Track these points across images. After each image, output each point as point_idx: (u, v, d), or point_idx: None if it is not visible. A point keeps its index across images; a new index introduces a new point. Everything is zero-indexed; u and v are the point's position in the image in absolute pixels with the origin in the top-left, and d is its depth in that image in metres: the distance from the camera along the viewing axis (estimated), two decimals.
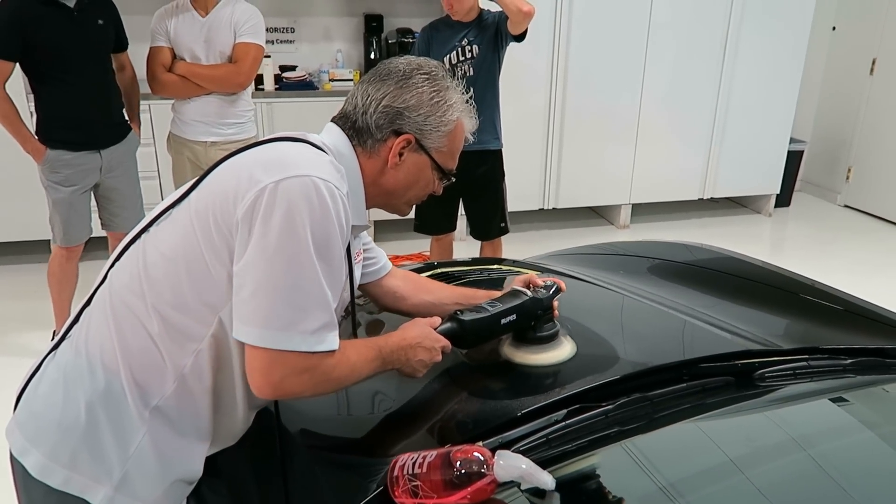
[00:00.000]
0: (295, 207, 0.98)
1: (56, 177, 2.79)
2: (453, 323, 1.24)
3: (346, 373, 1.07)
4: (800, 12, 4.61)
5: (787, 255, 4.61)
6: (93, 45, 2.77)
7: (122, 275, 1.09)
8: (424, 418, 1.24)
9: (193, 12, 2.93)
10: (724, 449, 1.11)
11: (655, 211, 4.94)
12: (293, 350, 0.99)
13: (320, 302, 1.01)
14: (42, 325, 3.17)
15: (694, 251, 2.14)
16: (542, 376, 1.30)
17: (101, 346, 1.07)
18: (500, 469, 0.91)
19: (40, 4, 2.61)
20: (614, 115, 4.50)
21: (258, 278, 0.98)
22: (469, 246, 4.17)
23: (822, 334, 1.59)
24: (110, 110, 2.90)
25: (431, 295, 1.41)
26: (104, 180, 2.91)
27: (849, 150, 5.25)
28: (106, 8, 2.83)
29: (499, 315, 1.27)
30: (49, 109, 2.77)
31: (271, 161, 1.04)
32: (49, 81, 2.72)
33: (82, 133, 2.79)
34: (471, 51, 3.01)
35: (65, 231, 2.88)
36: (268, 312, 0.98)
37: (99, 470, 1.04)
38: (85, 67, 2.75)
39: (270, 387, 1.02)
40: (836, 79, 5.32)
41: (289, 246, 0.98)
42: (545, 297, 1.32)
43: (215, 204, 1.02)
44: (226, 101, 3.02)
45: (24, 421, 1.10)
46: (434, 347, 1.19)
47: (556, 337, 1.33)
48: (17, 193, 3.66)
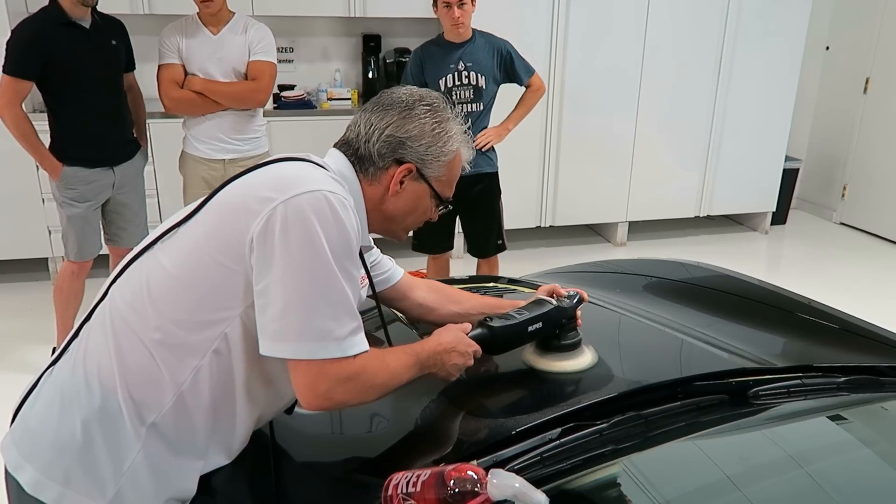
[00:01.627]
0: (310, 222, 1.02)
1: (71, 193, 2.85)
2: (484, 329, 1.28)
3: (387, 379, 1.11)
4: (794, 32, 4.66)
5: (784, 273, 4.62)
6: (108, 65, 2.84)
7: (125, 291, 1.11)
8: (419, 437, 1.25)
9: (205, 30, 2.96)
10: (718, 467, 1.12)
11: (652, 228, 4.96)
12: (330, 358, 1.03)
13: (347, 308, 1.05)
14: (41, 343, 3.17)
15: (690, 269, 2.15)
16: (537, 394, 1.31)
17: (99, 363, 1.07)
18: (493, 488, 0.91)
19: (59, 25, 2.67)
20: (611, 134, 4.53)
21: (287, 295, 1.01)
22: (466, 264, 4.18)
23: (816, 352, 1.59)
24: (123, 128, 2.97)
25: (458, 305, 1.45)
26: (115, 196, 2.97)
27: (844, 168, 5.29)
28: (118, 29, 2.90)
29: (526, 322, 1.31)
30: (66, 127, 2.82)
31: (279, 179, 1.07)
32: (67, 100, 2.77)
33: (98, 150, 2.86)
34: (468, 76, 3.03)
35: (79, 246, 2.93)
36: (301, 326, 1.02)
37: (92, 487, 1.04)
38: (101, 86, 2.81)
39: (318, 398, 1.05)
40: (831, 98, 5.37)
41: (311, 259, 1.01)
42: (569, 307, 1.37)
43: (226, 223, 1.05)
44: (241, 118, 3.06)
45: (19, 437, 1.10)
46: (467, 352, 1.22)
47: (579, 345, 1.37)
48: (13, 212, 3.66)
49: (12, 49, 2.64)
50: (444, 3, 2.91)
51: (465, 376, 1.34)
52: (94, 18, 2.77)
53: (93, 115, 2.81)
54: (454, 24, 2.95)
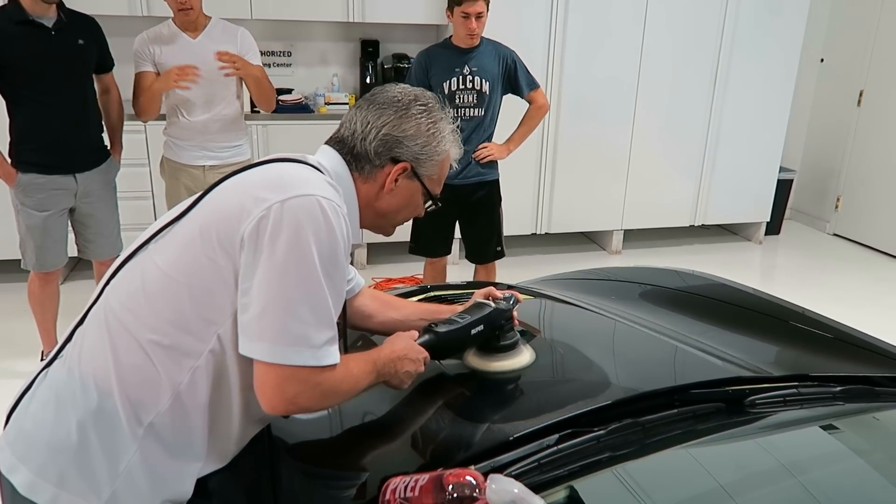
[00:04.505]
0: (301, 226, 1.01)
1: (29, 201, 2.70)
2: (430, 335, 1.29)
3: (351, 385, 1.11)
4: (789, 43, 4.70)
5: (777, 283, 4.64)
6: (70, 66, 2.68)
7: (119, 292, 1.10)
8: (416, 441, 1.25)
9: (182, 35, 2.92)
10: (713, 475, 1.12)
11: (647, 237, 4.97)
12: (304, 365, 1.02)
13: (325, 317, 1.04)
14: (22, 346, 3.11)
15: (685, 277, 2.16)
16: (534, 400, 1.31)
17: (95, 365, 1.07)
18: (491, 493, 0.91)
19: (15, 24, 2.55)
20: (607, 142, 4.55)
21: (268, 296, 1.00)
22: (462, 269, 4.18)
23: (811, 362, 1.60)
24: (87, 133, 2.81)
25: (398, 312, 1.45)
26: (80, 205, 2.83)
27: (837, 180, 5.32)
28: (88, 28, 2.76)
29: (469, 326, 1.33)
30: (22, 131, 2.68)
31: (275, 180, 1.07)
32: (23, 102, 2.65)
33: (55, 156, 2.70)
34: (472, 82, 3.05)
35: (38, 256, 2.79)
36: (279, 329, 1.01)
37: (87, 488, 1.03)
38: (61, 88, 2.66)
39: (284, 402, 1.04)
40: (825, 110, 5.41)
41: (297, 264, 1.01)
42: (506, 308, 1.39)
43: (219, 222, 1.04)
44: (222, 125, 3.02)
45: (13, 439, 1.09)
46: (418, 359, 1.23)
47: (517, 345, 1.39)
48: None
49: None
50: (463, 13, 2.92)
51: (454, 379, 1.35)
52: (59, 16, 2.63)
53: (50, 118, 2.65)
54: (469, 34, 2.98)
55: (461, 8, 2.92)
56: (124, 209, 3.12)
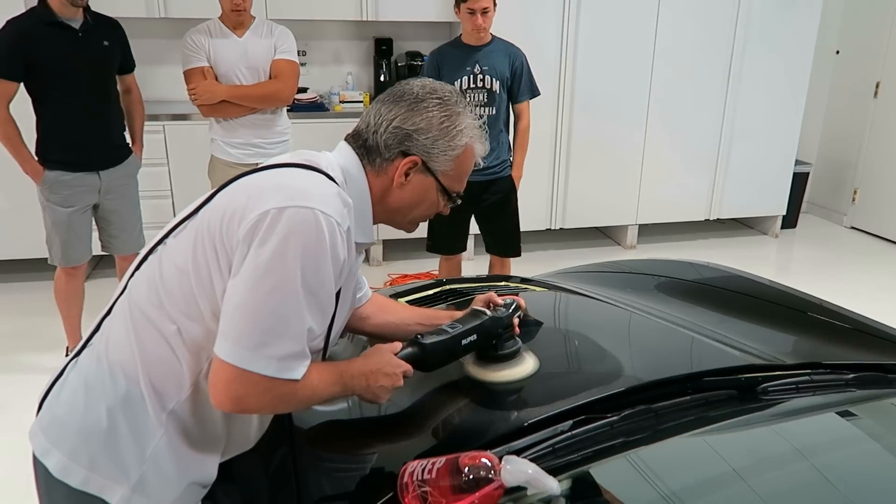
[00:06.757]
0: (290, 237, 1.00)
1: (55, 197, 2.80)
2: (414, 347, 1.24)
3: (308, 395, 1.08)
4: (804, 35, 4.66)
5: (794, 276, 4.61)
6: (96, 67, 2.78)
7: (140, 285, 1.13)
8: (433, 427, 1.27)
9: (230, 34, 3.01)
10: (724, 459, 1.13)
11: (662, 232, 4.96)
12: (257, 372, 1.00)
13: (295, 332, 1.02)
14: (50, 342, 3.18)
15: (700, 269, 2.17)
16: (548, 388, 1.33)
17: (121, 354, 1.10)
18: (506, 474, 0.94)
19: (44, 25, 2.64)
20: (620, 136, 4.55)
21: (240, 297, 1.00)
22: (477, 266, 4.21)
23: (826, 351, 1.60)
24: (110, 132, 2.90)
25: (394, 316, 1.42)
26: (103, 202, 2.92)
27: (854, 172, 5.28)
28: (112, 29, 2.86)
29: (459, 336, 1.27)
30: (49, 130, 2.76)
31: (280, 186, 1.06)
32: (50, 102, 2.73)
33: (80, 153, 2.79)
34: (483, 80, 3.07)
35: (63, 252, 2.87)
36: (241, 331, 1.00)
37: (117, 471, 1.07)
38: (86, 88, 2.75)
39: (230, 401, 1.03)
40: (841, 101, 5.37)
41: (276, 272, 1.00)
42: (505, 316, 1.34)
43: (222, 221, 1.05)
44: (271, 121, 3.11)
45: (46, 424, 1.13)
46: (395, 373, 1.18)
47: (517, 354, 1.34)
48: (21, 212, 3.68)
49: None
50: (469, 9, 2.96)
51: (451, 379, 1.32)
52: (85, 18, 2.72)
53: (77, 118, 2.75)
54: (476, 29, 3.01)
55: (467, 4, 2.96)
56: (143, 208, 3.18)
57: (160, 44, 4.02)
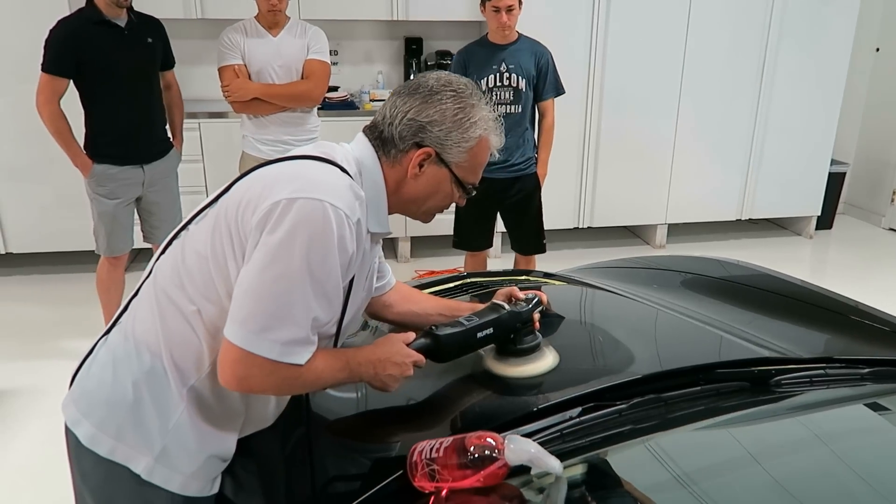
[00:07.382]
0: (300, 226, 1.03)
1: (102, 190, 2.94)
2: (428, 338, 1.25)
3: (312, 379, 1.11)
4: (841, 33, 4.57)
5: (828, 278, 4.53)
6: (141, 64, 2.92)
7: (165, 268, 1.19)
8: (443, 410, 1.30)
9: (265, 33, 3.09)
10: (731, 446, 1.15)
11: (692, 231, 4.92)
12: (261, 355, 1.04)
13: (299, 319, 1.06)
14: (90, 329, 3.22)
15: (727, 267, 2.14)
16: (559, 375, 1.34)
17: (146, 332, 1.16)
18: (509, 453, 0.97)
19: (94, 24, 2.77)
20: (650, 135, 4.52)
21: (250, 282, 1.05)
22: (503, 263, 4.23)
23: (857, 350, 1.56)
24: (154, 127, 3.04)
25: (416, 305, 1.45)
26: (146, 194, 3.05)
27: (894, 173, 5.16)
28: (155, 28, 2.99)
29: (475, 329, 1.28)
30: (97, 125, 2.90)
31: (293, 177, 1.10)
32: (99, 98, 2.86)
33: (126, 148, 2.92)
34: (508, 78, 3.10)
35: (108, 242, 3.02)
36: (248, 314, 1.04)
37: (141, 441, 1.13)
38: (133, 85, 2.89)
39: (235, 380, 1.07)
40: (880, 100, 5.24)
41: (283, 260, 1.03)
42: (524, 311, 1.33)
43: (238, 209, 1.10)
44: (301, 119, 3.19)
45: (77, 396, 1.20)
46: (405, 363, 1.19)
47: (537, 349, 1.33)
48: (67, 207, 3.83)
49: (49, 48, 2.74)
50: (493, 7, 3.00)
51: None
52: (129, 17, 2.85)
53: (124, 113, 2.88)
54: (500, 27, 3.04)
55: (492, 2, 3.00)
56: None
57: (197, 44, 4.13)
